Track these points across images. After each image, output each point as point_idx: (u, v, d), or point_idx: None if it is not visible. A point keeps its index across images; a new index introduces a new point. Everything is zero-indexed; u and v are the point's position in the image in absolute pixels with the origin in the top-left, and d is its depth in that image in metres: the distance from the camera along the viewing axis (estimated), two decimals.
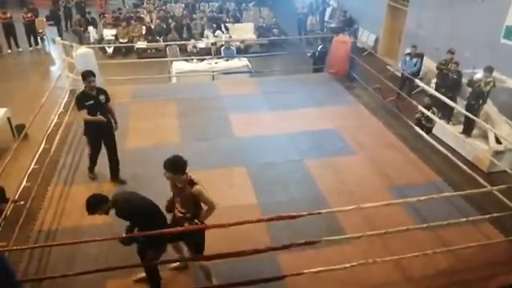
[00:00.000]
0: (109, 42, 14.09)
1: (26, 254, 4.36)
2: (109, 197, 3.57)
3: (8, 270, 3.44)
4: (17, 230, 4.54)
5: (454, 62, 7.98)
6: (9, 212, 4.68)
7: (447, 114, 7.87)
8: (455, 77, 7.52)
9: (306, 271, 3.88)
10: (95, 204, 3.48)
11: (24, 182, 5.25)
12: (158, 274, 3.92)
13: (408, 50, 9.99)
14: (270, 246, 4.12)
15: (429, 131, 7.09)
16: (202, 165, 6.02)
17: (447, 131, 7.48)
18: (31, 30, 14.13)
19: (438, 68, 8.68)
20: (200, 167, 5.95)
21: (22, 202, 5.01)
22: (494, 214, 4.51)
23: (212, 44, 13.12)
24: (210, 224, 3.65)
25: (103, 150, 5.56)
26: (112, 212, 3.62)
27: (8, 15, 13.50)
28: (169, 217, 3.93)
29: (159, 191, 5.40)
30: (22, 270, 4.18)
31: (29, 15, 14.04)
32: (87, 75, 5.13)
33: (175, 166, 3.59)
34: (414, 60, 9.71)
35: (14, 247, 4.14)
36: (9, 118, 8.06)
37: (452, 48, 8.47)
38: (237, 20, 16.31)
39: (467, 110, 6.92)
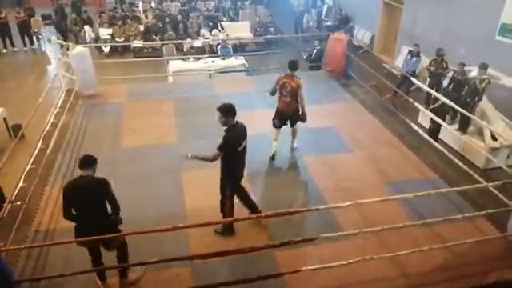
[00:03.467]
0: (105, 41, 14.06)
1: (23, 254, 4.35)
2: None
3: (5, 271, 3.43)
4: (14, 231, 4.53)
5: (461, 62, 7.91)
6: (6, 212, 4.67)
7: (451, 113, 7.84)
8: (460, 77, 7.52)
9: (303, 268, 3.90)
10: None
11: (21, 183, 5.21)
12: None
13: (409, 49, 10.02)
14: (268, 244, 4.13)
15: (435, 137, 7.12)
16: (200, 164, 6.02)
17: (443, 128, 7.51)
18: (24, 30, 14.06)
19: (428, 69, 8.68)
20: (198, 166, 5.95)
21: (19, 203, 4.99)
22: (490, 210, 4.53)
23: (206, 40, 13.11)
24: (208, 221, 3.65)
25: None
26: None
27: (3, 15, 13.44)
28: None
29: (158, 189, 5.47)
30: (19, 270, 4.18)
31: (21, 15, 13.96)
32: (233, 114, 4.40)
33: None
34: (414, 59, 9.77)
35: (11, 247, 4.14)
36: (5, 119, 8.04)
37: (441, 49, 8.46)
38: (233, 19, 16.32)
39: (462, 107, 6.95)
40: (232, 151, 4.28)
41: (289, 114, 5.93)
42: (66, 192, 3.58)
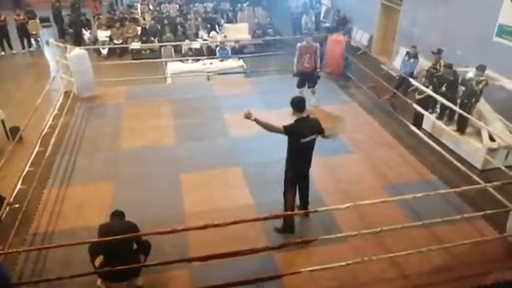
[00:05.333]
0: (103, 43, 14.05)
1: (21, 257, 4.34)
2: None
3: (2, 274, 3.42)
4: (12, 233, 4.52)
5: (446, 64, 7.93)
6: (4, 215, 4.66)
7: (447, 114, 7.84)
8: (451, 78, 7.55)
9: (302, 270, 3.90)
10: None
11: (19, 185, 5.21)
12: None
13: (407, 50, 10.01)
14: (267, 246, 4.13)
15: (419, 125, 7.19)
16: (198, 165, 6.04)
17: (441, 129, 7.52)
18: (24, 32, 14.03)
19: (428, 71, 8.67)
20: (195, 168, 5.99)
21: (18, 205, 4.99)
22: (489, 211, 4.53)
23: (205, 41, 13.10)
24: (206, 224, 3.65)
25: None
26: (107, 213, 3.64)
27: (1, 18, 13.41)
28: None
29: (157, 191, 5.46)
30: (17, 272, 4.17)
31: (21, 17, 13.93)
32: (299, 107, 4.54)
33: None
34: (412, 60, 9.78)
35: (10, 250, 4.13)
36: (3, 121, 8.03)
37: (439, 49, 8.47)
38: (231, 20, 16.33)
39: (460, 108, 6.96)
40: (295, 141, 4.39)
41: (308, 75, 7.64)
42: (98, 235, 3.74)
